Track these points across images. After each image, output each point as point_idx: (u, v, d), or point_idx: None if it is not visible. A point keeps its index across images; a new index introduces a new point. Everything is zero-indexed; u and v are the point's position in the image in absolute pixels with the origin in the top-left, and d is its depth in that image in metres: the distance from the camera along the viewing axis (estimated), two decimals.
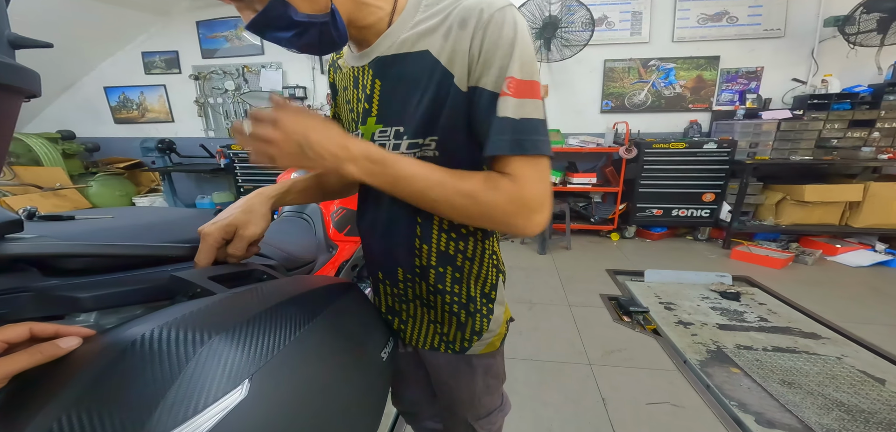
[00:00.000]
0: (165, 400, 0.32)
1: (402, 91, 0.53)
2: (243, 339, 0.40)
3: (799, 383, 1.59)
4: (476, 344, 0.65)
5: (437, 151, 0.52)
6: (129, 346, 0.34)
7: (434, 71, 0.50)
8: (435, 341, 0.66)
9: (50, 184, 3.18)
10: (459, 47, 0.48)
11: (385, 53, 0.53)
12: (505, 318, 0.68)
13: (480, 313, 0.64)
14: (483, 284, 0.63)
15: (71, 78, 4.02)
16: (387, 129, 0.55)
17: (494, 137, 0.46)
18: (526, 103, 0.47)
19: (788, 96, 3.29)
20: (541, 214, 0.49)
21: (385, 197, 0.59)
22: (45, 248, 0.41)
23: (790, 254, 2.88)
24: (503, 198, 0.48)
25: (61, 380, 0.31)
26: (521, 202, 0.48)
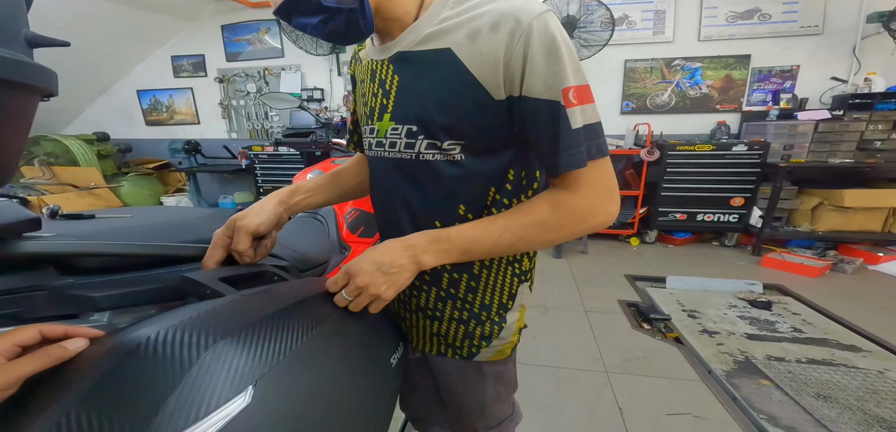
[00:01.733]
0: (166, 406, 0.31)
1: (420, 88, 0.52)
2: (249, 344, 0.40)
3: (836, 397, 1.49)
4: (484, 350, 0.63)
5: (463, 155, 0.52)
6: (133, 349, 0.34)
7: (457, 73, 0.48)
8: (441, 347, 0.65)
9: (85, 183, 3.36)
10: (490, 53, 0.46)
11: (407, 49, 0.52)
12: (518, 326, 0.66)
13: (492, 320, 0.62)
14: (500, 293, 0.62)
15: (107, 82, 4.24)
16: (399, 127, 0.54)
17: (568, 153, 0.46)
18: (587, 109, 0.47)
19: (827, 96, 3.09)
20: (613, 203, 0.51)
21: (397, 198, 0.59)
22: (59, 247, 0.42)
23: (827, 262, 2.70)
24: (574, 212, 0.50)
25: (64, 384, 0.31)
26: (592, 206, 0.50)
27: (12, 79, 0.31)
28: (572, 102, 0.45)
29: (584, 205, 0.50)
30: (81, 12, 3.17)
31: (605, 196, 0.50)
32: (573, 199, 0.50)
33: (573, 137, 0.46)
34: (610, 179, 0.50)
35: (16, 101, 0.33)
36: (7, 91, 0.32)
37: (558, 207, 0.50)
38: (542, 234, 0.51)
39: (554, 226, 0.51)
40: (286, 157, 3.61)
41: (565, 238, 0.52)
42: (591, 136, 0.47)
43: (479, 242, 0.52)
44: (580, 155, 0.46)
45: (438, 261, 0.53)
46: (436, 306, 0.62)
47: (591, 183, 0.49)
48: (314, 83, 3.96)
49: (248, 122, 4.21)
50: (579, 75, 0.46)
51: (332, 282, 0.53)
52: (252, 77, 4.03)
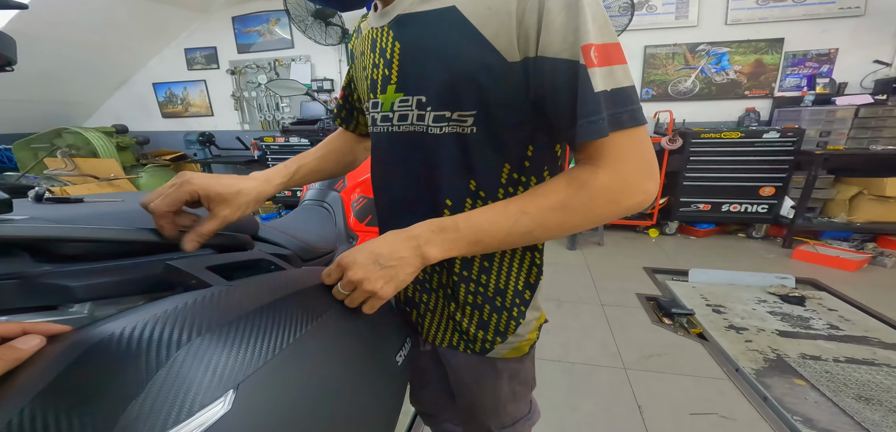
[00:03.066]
0: (126, 414, 0.27)
1: (424, 54, 0.46)
2: (231, 341, 0.35)
3: (879, 399, 1.38)
4: (499, 346, 0.57)
5: (475, 127, 0.46)
6: (92, 347, 0.29)
7: (463, 33, 0.42)
8: (454, 339, 0.59)
9: (105, 174, 3.43)
10: (501, 7, 0.40)
11: (406, 10, 0.47)
12: (538, 322, 0.60)
13: (509, 312, 0.56)
14: (516, 279, 0.55)
15: (125, 75, 4.32)
16: (408, 99, 0.49)
17: (587, 121, 0.39)
18: (615, 70, 0.40)
19: (868, 80, 2.88)
20: (651, 180, 0.43)
21: (403, 177, 0.54)
22: (30, 231, 0.38)
23: (866, 256, 2.53)
24: (599, 191, 0.42)
25: (10, 386, 0.27)
26: (623, 184, 0.42)
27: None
28: (594, 61, 0.39)
29: (612, 182, 0.42)
30: (99, 7, 3.21)
31: (640, 171, 0.42)
32: (599, 176, 0.42)
33: (593, 102, 0.39)
34: (645, 152, 0.43)
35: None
36: None
37: (582, 186, 0.43)
38: (567, 218, 0.44)
39: (579, 207, 0.43)
40: (297, 147, 3.60)
41: (593, 222, 0.45)
42: (618, 102, 0.40)
43: (491, 230, 0.45)
44: (600, 123, 0.39)
45: (445, 252, 0.46)
46: (448, 283, 0.56)
47: (621, 156, 0.41)
48: (324, 74, 3.93)
49: (260, 114, 4.23)
50: (605, 32, 0.40)
51: (327, 273, 0.48)
52: (263, 68, 4.03)
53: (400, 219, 0.54)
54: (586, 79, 0.39)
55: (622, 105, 0.40)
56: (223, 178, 0.53)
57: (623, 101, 0.40)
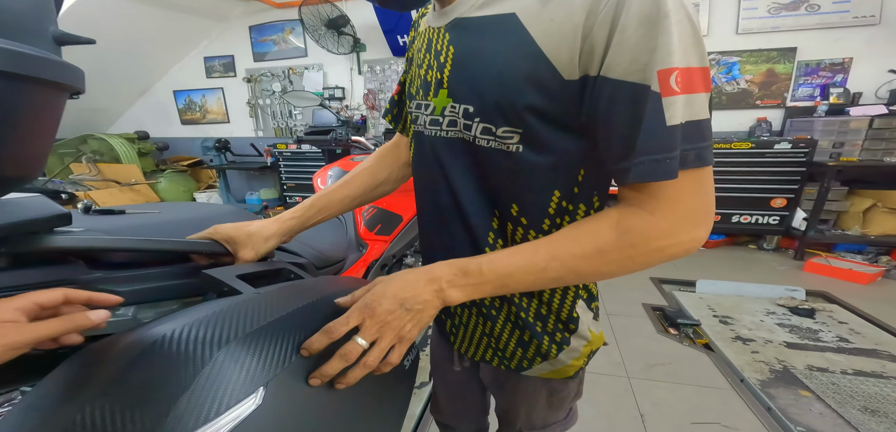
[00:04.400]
0: (177, 407, 0.32)
1: (478, 62, 0.43)
2: (261, 344, 0.40)
3: (886, 411, 1.38)
4: (538, 365, 0.54)
5: (521, 145, 0.42)
6: (148, 347, 0.34)
7: (520, 44, 0.39)
8: (487, 354, 0.57)
9: (127, 179, 3.58)
10: (566, 19, 0.36)
11: (466, 14, 0.44)
12: (586, 350, 0.54)
13: (551, 337, 0.52)
14: (559, 308, 0.51)
15: (147, 83, 4.50)
16: (457, 107, 0.46)
17: (651, 159, 0.35)
18: (696, 100, 0.35)
19: (884, 90, 2.83)
20: (705, 227, 0.38)
21: (445, 185, 0.51)
22: (88, 242, 0.44)
23: (880, 269, 2.49)
24: (646, 240, 0.38)
25: (80, 379, 0.33)
26: (673, 230, 0.38)
27: (40, 76, 0.32)
28: (674, 89, 0.33)
29: (662, 228, 0.37)
30: (124, 18, 3.37)
31: (695, 217, 0.38)
32: (648, 223, 0.38)
33: (665, 137, 0.34)
34: (706, 196, 0.38)
35: (44, 98, 0.34)
36: (36, 88, 0.33)
37: (627, 232, 0.38)
38: (602, 266, 0.40)
39: (619, 256, 0.39)
40: (308, 155, 3.70)
41: (632, 270, 0.40)
42: (692, 137, 0.35)
43: (517, 276, 0.42)
44: (669, 163, 0.34)
45: (468, 296, 0.44)
46: (491, 303, 0.54)
47: (678, 199, 0.37)
48: (335, 82, 4.03)
49: (274, 121, 4.35)
50: (693, 53, 0.34)
51: (343, 322, 0.42)
52: (277, 76, 4.16)
53: (440, 229, 0.54)
54: (658, 109, 0.34)
55: (695, 141, 0.35)
56: (242, 226, 0.60)
57: (695, 136, 0.35)
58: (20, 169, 0.34)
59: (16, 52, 0.29)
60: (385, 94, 3.97)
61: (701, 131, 0.36)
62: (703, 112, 0.36)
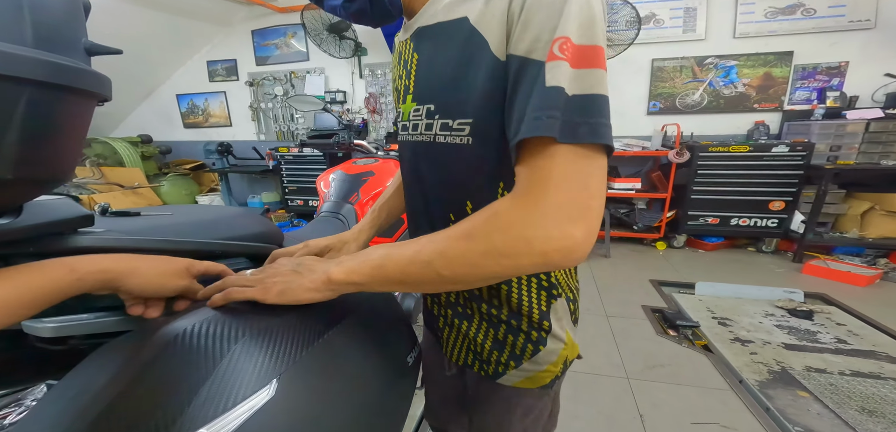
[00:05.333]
0: (198, 397, 0.34)
1: (437, 64, 0.46)
2: (274, 339, 0.42)
3: (883, 412, 1.40)
4: (512, 372, 0.52)
5: (471, 137, 0.43)
6: (171, 341, 0.37)
7: (470, 39, 0.41)
8: (469, 358, 0.56)
9: (130, 183, 3.61)
10: (498, 5, 0.38)
11: (426, 23, 0.47)
12: (562, 356, 0.52)
13: (526, 335, 0.51)
14: (528, 309, 0.50)
15: (150, 87, 4.54)
16: (420, 108, 0.48)
17: (535, 115, 0.33)
18: (586, 75, 0.34)
19: (880, 93, 2.87)
20: (580, 225, 0.34)
21: (417, 186, 0.54)
22: (111, 242, 0.46)
23: (878, 271, 2.51)
24: (509, 221, 0.35)
25: (107, 372, 0.35)
26: (541, 217, 0.34)
27: (75, 85, 0.35)
28: (559, 55, 0.33)
29: (530, 215, 0.34)
30: (129, 22, 3.41)
31: (569, 207, 0.33)
32: (517, 204, 0.35)
33: (547, 96, 0.33)
34: (588, 184, 0.34)
35: (77, 106, 0.37)
36: (69, 97, 0.35)
37: (494, 215, 0.36)
38: (470, 253, 0.37)
39: (483, 245, 0.36)
40: (310, 158, 3.73)
41: (503, 267, 0.36)
42: (586, 110, 0.34)
43: (395, 257, 0.41)
44: (547, 121, 0.33)
45: (347, 274, 0.43)
46: (466, 303, 0.54)
47: (551, 182, 0.34)
48: (337, 85, 4.07)
49: (276, 124, 4.39)
50: (587, 32, 0.34)
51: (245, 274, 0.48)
52: (279, 80, 4.19)
53: (415, 234, 0.56)
54: (542, 74, 0.34)
55: (585, 115, 0.33)
56: (334, 238, 0.67)
57: (588, 111, 0.34)
58: (55, 172, 0.36)
59: (57, 63, 0.32)
60: (386, 97, 4.00)
61: (597, 107, 0.34)
62: (598, 87, 0.34)
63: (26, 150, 0.33)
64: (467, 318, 0.54)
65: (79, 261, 0.38)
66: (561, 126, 0.33)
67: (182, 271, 0.46)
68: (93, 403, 0.32)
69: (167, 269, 0.45)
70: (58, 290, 0.36)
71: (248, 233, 0.64)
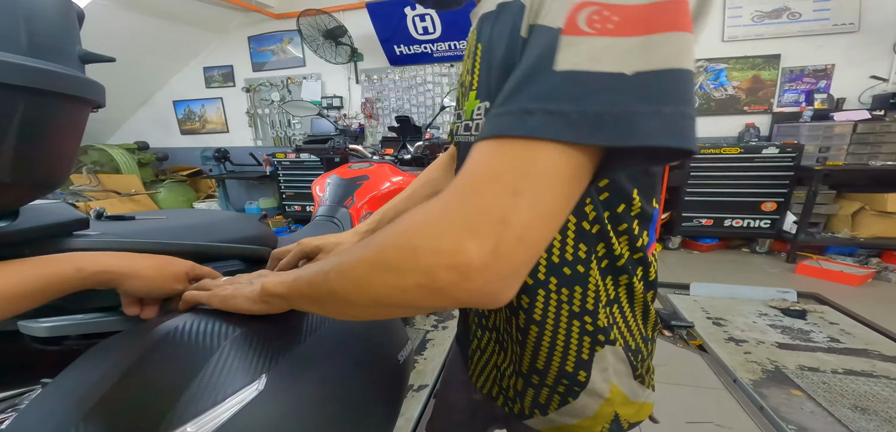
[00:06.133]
0: (188, 391, 0.35)
1: (491, 51, 0.38)
2: (264, 335, 0.43)
3: (875, 409, 1.41)
4: (538, 418, 0.47)
5: None
6: (162, 338, 0.38)
7: (518, 17, 0.32)
8: (494, 390, 0.51)
9: (127, 190, 3.60)
10: None
11: (488, 8, 0.39)
12: (607, 414, 0.44)
13: (551, 389, 0.44)
14: (562, 354, 0.42)
15: (147, 93, 4.54)
16: (481, 106, 0.41)
17: (495, 116, 0.25)
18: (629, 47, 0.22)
19: (866, 95, 2.92)
20: (477, 241, 0.22)
21: None
22: (105, 244, 0.48)
23: (870, 271, 2.54)
24: (408, 227, 0.26)
25: (99, 369, 0.36)
26: (438, 224, 0.24)
27: (68, 92, 0.36)
28: (583, 29, 0.23)
29: (430, 219, 0.25)
30: (125, 29, 3.42)
31: (472, 219, 0.23)
32: (429, 206, 0.25)
33: (539, 88, 0.23)
34: (520, 189, 0.22)
35: (71, 113, 0.38)
36: (64, 103, 0.37)
37: (402, 219, 0.27)
38: (358, 261, 0.28)
39: (373, 245, 0.27)
40: (307, 163, 3.74)
41: (381, 285, 0.26)
42: (575, 94, 0.22)
43: (307, 274, 0.35)
44: (506, 120, 0.24)
45: (273, 287, 0.39)
46: (504, 330, 0.48)
47: (465, 182, 0.24)
48: (333, 91, 4.09)
49: (273, 130, 4.40)
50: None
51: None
52: (276, 86, 4.21)
53: None
54: (551, 49, 0.23)
55: (561, 100, 0.22)
56: (328, 238, 0.64)
57: (572, 96, 0.22)
58: (50, 176, 0.37)
59: (51, 71, 0.33)
60: (382, 103, 4.03)
61: (596, 85, 0.22)
62: (620, 62, 0.22)
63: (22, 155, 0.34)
64: (502, 347, 0.48)
65: (84, 258, 0.39)
66: (517, 121, 0.23)
67: (181, 274, 0.48)
68: (84, 399, 0.33)
69: (168, 272, 0.46)
70: (62, 284, 0.37)
71: (242, 236, 0.65)
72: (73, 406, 0.33)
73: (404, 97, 3.95)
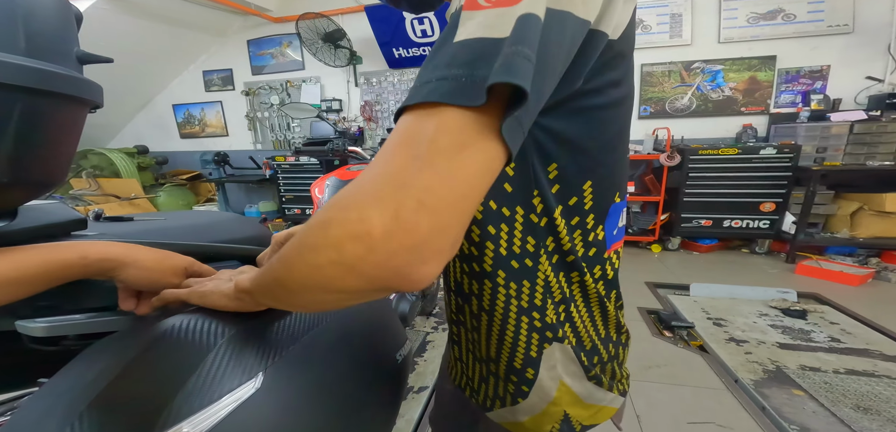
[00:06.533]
0: (185, 388, 0.34)
1: None
2: (260, 334, 0.43)
3: (878, 409, 1.41)
4: (498, 410, 0.46)
5: None
6: (160, 336, 0.38)
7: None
8: (462, 381, 0.52)
9: (126, 194, 3.60)
10: None
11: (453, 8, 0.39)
12: (556, 414, 0.43)
13: (502, 380, 0.45)
14: (511, 349, 0.42)
15: (146, 97, 4.55)
16: None
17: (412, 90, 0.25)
18: (502, 15, 0.23)
19: (862, 96, 2.93)
20: (380, 208, 0.22)
21: None
22: None
23: (870, 270, 2.54)
24: (340, 194, 0.24)
25: (95, 368, 0.35)
26: (348, 197, 0.23)
27: (66, 92, 0.36)
28: (481, 4, 0.24)
29: (346, 191, 0.24)
30: (125, 33, 3.43)
31: (381, 183, 0.22)
32: (354, 183, 0.25)
33: (440, 59, 0.24)
34: (420, 154, 0.22)
35: (69, 113, 0.38)
36: (62, 103, 0.37)
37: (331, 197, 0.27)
38: (292, 245, 0.27)
39: (304, 226, 0.27)
40: (307, 167, 3.75)
41: (303, 264, 0.25)
42: (456, 61, 0.23)
43: (265, 267, 0.32)
44: (411, 93, 0.25)
45: (242, 284, 0.37)
46: (471, 320, 0.46)
47: (391, 147, 0.24)
48: (333, 94, 4.10)
49: (272, 133, 4.40)
50: None
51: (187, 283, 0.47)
52: (275, 89, 4.22)
53: None
54: (454, 25, 0.25)
55: (454, 66, 0.23)
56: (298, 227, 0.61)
57: (463, 61, 0.23)
58: (48, 176, 0.37)
59: (49, 71, 0.33)
60: (381, 105, 4.04)
61: (475, 52, 0.23)
62: (498, 27, 0.23)
63: (20, 155, 0.34)
64: (467, 339, 0.47)
65: (89, 246, 0.40)
66: (421, 95, 0.24)
67: (180, 269, 0.48)
68: (80, 398, 0.33)
69: (167, 265, 0.46)
70: (65, 270, 0.37)
71: (238, 236, 0.65)
72: (69, 405, 0.33)
73: (403, 99, 3.96)
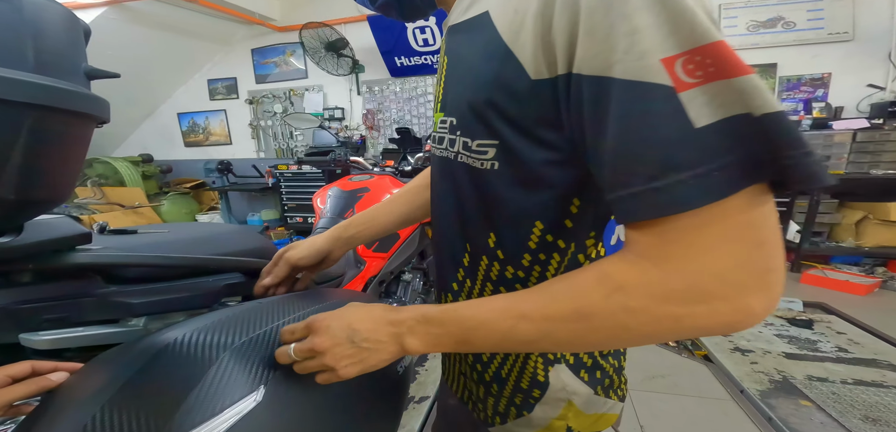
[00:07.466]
0: (186, 402, 0.35)
1: (457, 68, 0.39)
2: (263, 347, 0.43)
3: (887, 420, 1.38)
4: (498, 427, 0.48)
5: (496, 162, 0.36)
6: (161, 350, 0.38)
7: (490, 43, 0.33)
8: (465, 394, 0.52)
9: (131, 202, 3.63)
10: (527, 8, 0.30)
11: (456, 20, 0.40)
12: (561, 427, 0.44)
13: (509, 400, 0.46)
14: (519, 373, 0.44)
15: (151, 106, 4.59)
16: (446, 120, 0.40)
17: (663, 185, 0.24)
18: (724, 89, 0.23)
19: (864, 104, 2.92)
20: (757, 294, 0.25)
21: (441, 206, 0.47)
22: (106, 258, 0.48)
23: (876, 280, 2.51)
24: (645, 299, 0.27)
25: (97, 381, 0.36)
26: (697, 292, 0.25)
27: (74, 109, 0.36)
28: (683, 79, 0.23)
29: (673, 288, 0.26)
30: (132, 43, 3.47)
31: (740, 274, 0.25)
32: (652, 278, 0.27)
33: (687, 146, 0.24)
34: (753, 236, 0.25)
35: (77, 128, 0.38)
36: (70, 119, 0.37)
37: (618, 290, 0.28)
38: (588, 334, 0.30)
39: (607, 323, 0.29)
40: (309, 175, 3.76)
41: (638, 341, 0.30)
42: (727, 146, 0.24)
43: (482, 333, 0.34)
44: (682, 190, 0.24)
45: (428, 347, 0.38)
46: None
47: (701, 244, 0.25)
48: (335, 102, 4.13)
49: (275, 142, 4.43)
50: (694, 30, 0.24)
51: (290, 330, 0.42)
52: (278, 98, 4.26)
53: (440, 256, 0.50)
54: (671, 107, 0.24)
55: (728, 151, 0.23)
56: (304, 245, 0.62)
57: (734, 143, 0.23)
58: (56, 192, 0.38)
59: (58, 88, 0.34)
60: (383, 114, 4.06)
61: (740, 129, 0.23)
62: (737, 103, 0.23)
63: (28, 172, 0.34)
64: (476, 357, 0.48)
65: None
66: (697, 186, 0.24)
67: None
68: (82, 412, 0.33)
69: None
70: None
71: (243, 248, 0.66)
72: (71, 419, 0.33)
73: (405, 108, 3.98)
